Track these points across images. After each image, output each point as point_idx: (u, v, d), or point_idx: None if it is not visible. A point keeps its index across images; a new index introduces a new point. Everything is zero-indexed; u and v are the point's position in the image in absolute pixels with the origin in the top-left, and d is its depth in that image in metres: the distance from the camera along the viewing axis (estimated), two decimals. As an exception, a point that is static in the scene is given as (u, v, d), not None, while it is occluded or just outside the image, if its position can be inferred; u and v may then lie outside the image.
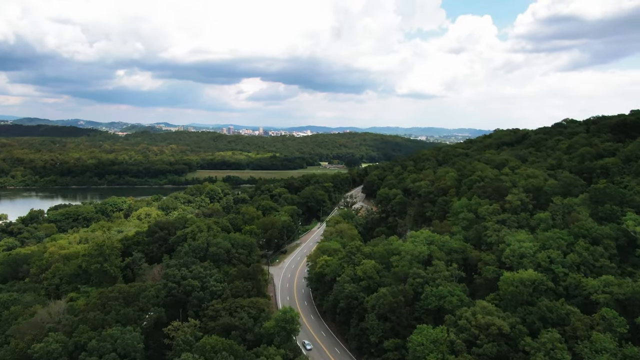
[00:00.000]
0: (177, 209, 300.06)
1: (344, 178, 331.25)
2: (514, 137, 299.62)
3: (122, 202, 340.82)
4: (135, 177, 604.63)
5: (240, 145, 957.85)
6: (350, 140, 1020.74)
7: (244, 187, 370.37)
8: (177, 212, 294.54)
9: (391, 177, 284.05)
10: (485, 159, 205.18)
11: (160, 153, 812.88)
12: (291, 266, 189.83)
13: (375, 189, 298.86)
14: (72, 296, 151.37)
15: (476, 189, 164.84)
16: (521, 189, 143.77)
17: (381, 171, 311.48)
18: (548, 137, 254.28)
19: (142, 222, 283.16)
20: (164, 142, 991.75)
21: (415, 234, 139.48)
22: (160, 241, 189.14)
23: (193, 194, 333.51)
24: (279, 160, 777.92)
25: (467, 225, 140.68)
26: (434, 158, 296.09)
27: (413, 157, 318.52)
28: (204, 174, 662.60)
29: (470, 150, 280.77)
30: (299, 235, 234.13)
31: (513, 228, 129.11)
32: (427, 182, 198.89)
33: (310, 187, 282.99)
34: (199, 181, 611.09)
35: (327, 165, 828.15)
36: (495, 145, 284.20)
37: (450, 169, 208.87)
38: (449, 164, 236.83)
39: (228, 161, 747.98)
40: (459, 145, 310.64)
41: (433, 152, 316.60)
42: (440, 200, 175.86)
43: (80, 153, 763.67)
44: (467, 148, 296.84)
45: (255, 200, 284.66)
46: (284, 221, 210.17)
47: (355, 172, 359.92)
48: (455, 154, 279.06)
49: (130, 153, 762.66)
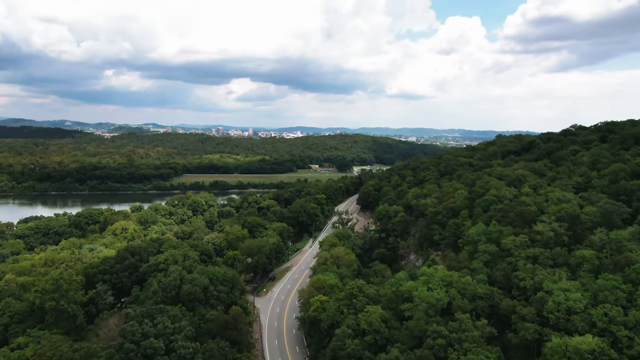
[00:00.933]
0: (156, 222, 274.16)
1: (337, 188, 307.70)
2: (519, 144, 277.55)
3: (98, 213, 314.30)
4: (118, 183, 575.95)
5: (228, 148, 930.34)
6: (341, 142, 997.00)
7: (231, 196, 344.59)
8: (156, 227, 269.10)
9: (389, 189, 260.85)
10: (498, 174, 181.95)
11: (146, 156, 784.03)
12: (280, 297, 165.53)
13: (371, 201, 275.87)
14: (19, 342, 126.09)
15: (494, 212, 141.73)
16: (552, 216, 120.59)
17: (377, 181, 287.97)
18: (560, 146, 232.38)
19: (118, 237, 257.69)
20: (150, 144, 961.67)
21: (428, 271, 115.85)
22: (130, 269, 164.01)
23: (175, 204, 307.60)
24: (268, 163, 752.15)
25: (489, 260, 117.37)
26: (434, 167, 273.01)
27: (411, 165, 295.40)
28: (191, 179, 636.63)
29: (474, 160, 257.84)
30: (290, 256, 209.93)
31: (548, 267, 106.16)
32: (433, 199, 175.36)
33: (301, 199, 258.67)
34: (185, 186, 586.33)
35: (317, 169, 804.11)
36: (500, 154, 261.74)
37: (458, 184, 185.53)
38: (454, 177, 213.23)
39: (216, 165, 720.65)
40: (459, 152, 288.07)
41: (433, 160, 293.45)
42: (451, 223, 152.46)
43: (62, 156, 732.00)
44: (469, 156, 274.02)
45: (241, 215, 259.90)
46: (273, 244, 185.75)
47: (349, 181, 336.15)
48: (458, 163, 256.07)
49: (114, 156, 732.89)
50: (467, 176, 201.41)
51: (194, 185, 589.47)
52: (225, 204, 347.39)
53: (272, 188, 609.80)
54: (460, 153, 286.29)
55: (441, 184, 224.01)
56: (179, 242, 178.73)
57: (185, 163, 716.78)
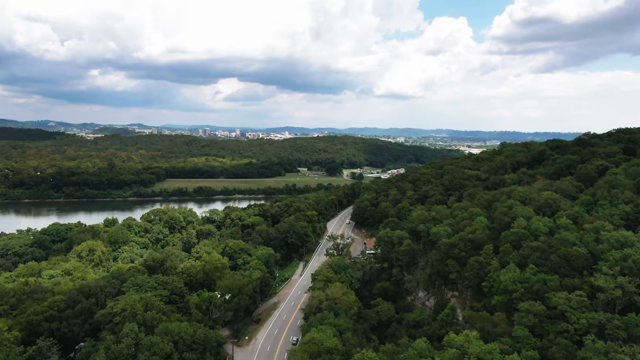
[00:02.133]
0: (127, 242, 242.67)
1: (328, 201, 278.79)
2: (528, 154, 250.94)
3: (66, 229, 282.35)
4: (96, 189, 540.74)
5: (214, 150, 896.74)
6: (330, 144, 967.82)
7: (214, 209, 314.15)
8: (127, 248, 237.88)
9: (387, 205, 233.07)
10: (520, 195, 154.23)
11: (128, 160, 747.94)
12: (266, 347, 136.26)
13: (367, 217, 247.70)
14: None
15: (528, 252, 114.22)
16: (616, 266, 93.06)
17: (373, 194, 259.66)
18: (579, 159, 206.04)
19: (83, 260, 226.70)
20: (134, 147, 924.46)
21: (457, 340, 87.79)
22: (83, 315, 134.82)
23: (151, 219, 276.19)
24: (255, 167, 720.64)
25: (535, 325, 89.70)
26: (436, 180, 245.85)
27: (410, 177, 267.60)
28: (174, 184, 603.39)
29: (481, 172, 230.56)
30: (277, 288, 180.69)
31: (619, 340, 78.82)
32: (447, 227, 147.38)
33: (290, 218, 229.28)
34: (168, 193, 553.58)
35: (306, 172, 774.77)
36: (509, 165, 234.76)
37: (473, 207, 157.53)
38: (465, 196, 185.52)
39: (201, 169, 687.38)
40: (463, 163, 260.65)
41: (433, 171, 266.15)
42: (473, 262, 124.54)
43: (39, 160, 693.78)
44: (475, 168, 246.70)
45: (223, 235, 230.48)
46: (257, 279, 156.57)
47: (342, 193, 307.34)
48: (464, 176, 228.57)
49: (94, 160, 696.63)
50: (481, 196, 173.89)
51: (177, 191, 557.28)
52: (207, 217, 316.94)
53: (259, 194, 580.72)
54: (464, 163, 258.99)
55: (449, 203, 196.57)
56: (144, 280, 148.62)
57: (169, 167, 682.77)
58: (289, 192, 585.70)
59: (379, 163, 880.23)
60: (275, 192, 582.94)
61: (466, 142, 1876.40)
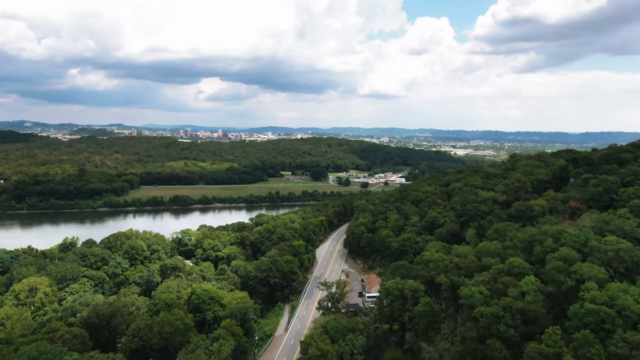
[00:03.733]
0: (77, 279, 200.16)
1: (317, 224, 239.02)
2: (548, 171, 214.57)
3: (11, 257, 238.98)
4: (63, 199, 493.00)
5: (194, 153, 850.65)
6: (315, 146, 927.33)
7: (187, 231, 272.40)
8: (77, 287, 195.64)
9: (388, 232, 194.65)
10: (574, 241, 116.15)
11: (101, 165, 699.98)
12: None
13: (363, 246, 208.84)
14: None
15: (624, 349, 76.44)
16: None
17: (370, 217, 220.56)
18: (619, 180, 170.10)
19: (21, 305, 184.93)
20: (110, 149, 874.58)
21: None
22: None
23: (111, 246, 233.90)
24: (237, 172, 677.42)
25: None
26: (444, 201, 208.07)
27: (411, 196, 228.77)
28: (149, 192, 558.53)
29: (498, 194, 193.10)
30: (257, 354, 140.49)
31: None
32: (482, 288, 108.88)
33: (273, 250, 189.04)
34: (141, 202, 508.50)
35: (290, 177, 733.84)
36: (530, 185, 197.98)
37: (515, 258, 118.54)
38: (492, 233, 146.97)
39: (179, 175, 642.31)
40: (473, 180, 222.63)
41: (438, 190, 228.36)
42: (532, 350, 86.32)
43: (4, 166, 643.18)
44: (488, 186, 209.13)
45: (191, 272, 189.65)
46: (228, 355, 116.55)
47: (332, 212, 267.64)
48: (478, 199, 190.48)
49: (64, 166, 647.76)
50: (514, 234, 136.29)
51: (152, 201, 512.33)
52: (178, 238, 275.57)
53: (240, 202, 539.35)
54: (473, 181, 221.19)
55: (468, 238, 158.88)
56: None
57: (145, 173, 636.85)
58: (272, 200, 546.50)
59: (365, 166, 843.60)
60: (258, 201, 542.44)
61: (450, 142, 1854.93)
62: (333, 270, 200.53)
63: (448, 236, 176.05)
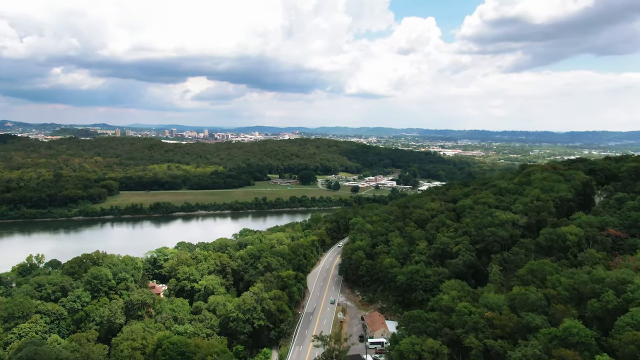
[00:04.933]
0: (29, 316, 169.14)
1: (309, 244, 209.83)
2: (570, 186, 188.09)
3: None
4: (35, 208, 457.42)
5: (179, 155, 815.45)
6: (302, 148, 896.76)
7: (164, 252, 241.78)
8: (27, 327, 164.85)
9: (391, 261, 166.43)
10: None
11: (80, 169, 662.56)
12: None
13: (362, 274, 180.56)
14: None
15: None
16: None
17: (368, 240, 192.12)
18: None
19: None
20: (91, 151, 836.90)
21: None
22: None
23: (73, 272, 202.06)
24: (222, 176, 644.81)
25: None
26: (453, 222, 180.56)
27: (414, 215, 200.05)
28: (129, 199, 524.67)
29: (518, 215, 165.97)
30: None
31: None
32: None
33: (258, 285, 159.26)
34: (120, 211, 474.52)
35: (277, 180, 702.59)
36: (552, 203, 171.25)
37: (573, 320, 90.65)
38: (527, 275, 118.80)
39: (161, 179, 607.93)
40: (485, 197, 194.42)
41: (444, 207, 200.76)
42: None
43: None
44: (502, 204, 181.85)
45: (162, 310, 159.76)
46: None
47: (324, 230, 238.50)
48: (495, 221, 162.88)
49: (40, 170, 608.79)
50: (556, 277, 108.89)
51: (131, 208, 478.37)
52: (153, 258, 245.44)
53: (225, 209, 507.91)
54: (485, 197, 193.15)
55: (493, 277, 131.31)
56: None
57: (125, 177, 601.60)
58: (259, 206, 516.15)
59: (354, 168, 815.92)
60: (243, 207, 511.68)
61: (438, 142, 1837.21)
62: (327, 302, 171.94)
63: (464, 268, 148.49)
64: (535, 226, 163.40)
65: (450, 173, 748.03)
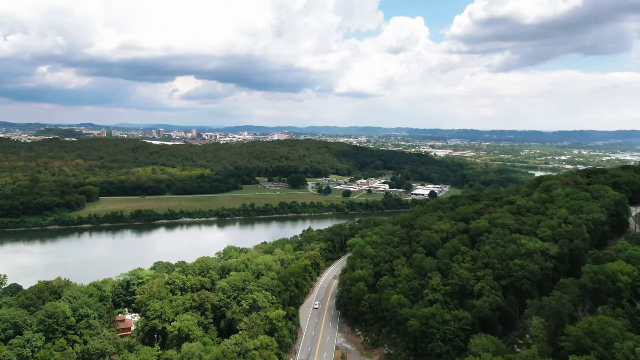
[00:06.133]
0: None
1: (300, 271, 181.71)
2: (601, 206, 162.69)
3: None
4: (7, 217, 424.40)
5: (164, 158, 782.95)
6: (292, 149, 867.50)
7: (134, 289, 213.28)
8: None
9: (400, 298, 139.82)
10: None
11: (59, 173, 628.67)
12: None
13: (365, 312, 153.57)
14: None
15: None
16: None
17: (370, 268, 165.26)
18: None
19: None
20: (74, 153, 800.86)
21: None
22: None
23: (29, 304, 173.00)
24: (209, 181, 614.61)
25: None
26: (469, 249, 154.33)
27: (422, 238, 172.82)
28: (109, 206, 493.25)
29: (548, 245, 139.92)
30: None
31: None
32: None
33: (241, 333, 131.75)
34: (99, 219, 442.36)
35: (266, 184, 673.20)
36: (587, 230, 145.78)
37: None
38: (580, 331, 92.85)
39: (144, 184, 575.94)
40: (501, 217, 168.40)
41: (455, 228, 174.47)
42: None
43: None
44: (524, 228, 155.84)
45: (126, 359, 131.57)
46: None
47: (319, 252, 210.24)
48: (521, 250, 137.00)
49: (16, 175, 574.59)
50: (625, 346, 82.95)
51: (111, 216, 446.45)
52: (126, 282, 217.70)
53: (212, 216, 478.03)
54: (502, 217, 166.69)
55: (534, 331, 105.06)
56: None
57: (106, 182, 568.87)
58: (247, 213, 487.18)
59: (345, 170, 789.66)
60: (230, 214, 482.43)
61: (428, 142, 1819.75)
62: (324, 347, 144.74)
63: (490, 312, 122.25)
64: (569, 257, 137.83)
65: (444, 176, 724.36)
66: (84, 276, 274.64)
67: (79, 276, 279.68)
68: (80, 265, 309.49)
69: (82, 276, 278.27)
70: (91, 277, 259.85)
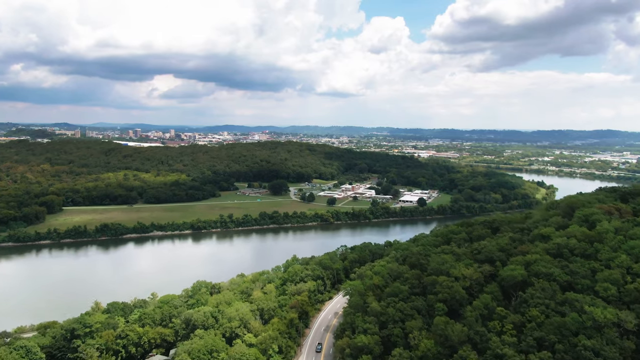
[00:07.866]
0: None
1: (284, 329, 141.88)
2: None
3: None
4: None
5: (138, 162, 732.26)
6: (273, 152, 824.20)
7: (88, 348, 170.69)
8: None
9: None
10: None
11: (21, 179, 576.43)
12: None
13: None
14: None
15: None
16: None
17: (375, 331, 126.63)
18: None
19: None
20: (42, 156, 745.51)
21: None
22: None
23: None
24: (184, 188, 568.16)
25: None
26: (506, 312, 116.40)
27: (439, 289, 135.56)
28: (73, 217, 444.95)
29: (624, 314, 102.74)
30: None
31: None
32: None
33: None
34: (59, 234, 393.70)
35: (246, 191, 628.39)
36: None
37: None
38: None
39: (113, 193, 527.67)
40: (529, 248, 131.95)
41: (478, 273, 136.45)
42: None
43: None
44: (574, 277, 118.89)
45: None
46: None
47: (306, 296, 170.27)
48: (587, 321, 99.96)
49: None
50: None
51: (73, 231, 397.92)
52: (72, 329, 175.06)
53: (185, 229, 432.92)
54: (542, 263, 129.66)
55: None
56: None
57: (71, 190, 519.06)
58: (224, 225, 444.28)
59: (328, 174, 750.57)
60: (206, 227, 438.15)
61: (409, 142, 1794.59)
62: None
63: None
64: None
65: (431, 180, 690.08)
66: (23, 312, 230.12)
67: (17, 313, 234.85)
68: (25, 296, 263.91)
69: (20, 313, 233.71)
70: (34, 315, 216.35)
